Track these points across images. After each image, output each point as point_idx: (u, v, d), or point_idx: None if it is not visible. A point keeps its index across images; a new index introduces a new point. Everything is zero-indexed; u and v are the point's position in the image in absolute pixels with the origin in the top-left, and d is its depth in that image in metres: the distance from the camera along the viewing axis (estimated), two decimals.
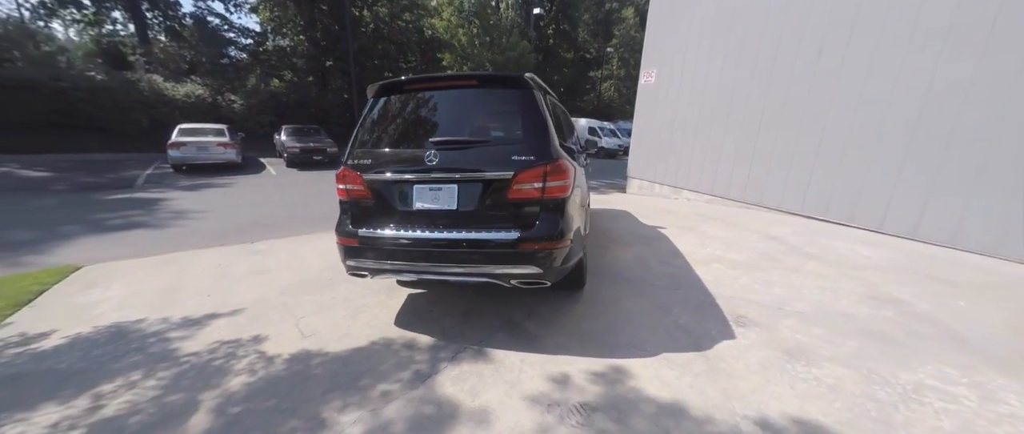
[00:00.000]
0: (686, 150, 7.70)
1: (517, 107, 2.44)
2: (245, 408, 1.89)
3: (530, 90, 2.46)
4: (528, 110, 2.42)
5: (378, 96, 2.61)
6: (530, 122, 2.40)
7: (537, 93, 2.48)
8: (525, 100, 2.44)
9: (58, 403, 1.93)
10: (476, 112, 2.55)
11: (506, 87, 2.50)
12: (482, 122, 2.54)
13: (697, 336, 2.53)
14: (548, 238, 2.29)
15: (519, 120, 2.43)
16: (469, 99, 2.55)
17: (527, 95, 2.45)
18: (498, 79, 2.54)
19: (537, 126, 2.39)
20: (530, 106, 2.42)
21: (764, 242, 4.61)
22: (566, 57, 33.08)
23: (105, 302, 3.11)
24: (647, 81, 8.57)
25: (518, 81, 2.47)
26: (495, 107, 2.54)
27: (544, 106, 2.49)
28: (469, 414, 1.85)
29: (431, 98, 2.58)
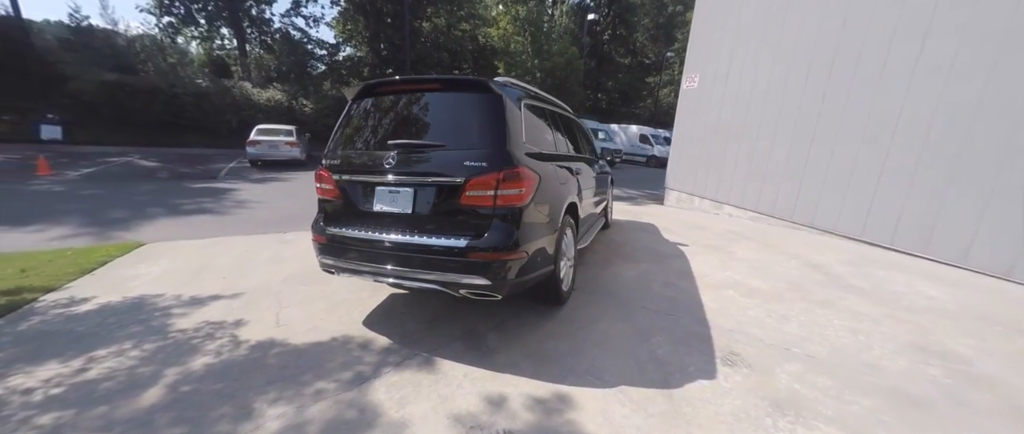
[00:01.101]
0: (729, 162, 6.98)
1: (476, 112, 2.33)
2: (194, 388, 1.98)
3: (492, 95, 2.33)
4: (486, 115, 2.29)
5: (356, 98, 2.65)
6: (487, 127, 2.27)
7: (502, 98, 2.33)
8: (484, 105, 2.32)
9: (59, 362, 2.18)
10: (437, 116, 2.47)
11: (467, 91, 2.40)
12: (441, 126, 2.46)
13: (670, 371, 2.22)
14: (499, 249, 2.15)
15: (476, 125, 2.31)
16: (432, 103, 2.49)
17: (487, 100, 2.33)
18: (460, 83, 2.45)
19: (494, 132, 2.25)
20: (489, 111, 2.30)
21: (799, 269, 3.99)
22: (622, 62, 31.97)
23: (143, 276, 3.51)
24: (689, 86, 7.93)
25: (479, 85, 2.35)
26: (455, 111, 2.45)
27: (509, 112, 2.34)
28: (387, 425, 1.77)
29: (398, 101, 2.56)
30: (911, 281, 3.73)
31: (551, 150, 2.99)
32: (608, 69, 31.84)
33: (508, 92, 2.43)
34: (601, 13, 29.51)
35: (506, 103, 2.32)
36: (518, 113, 2.45)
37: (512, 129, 2.31)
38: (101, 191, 7.79)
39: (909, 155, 4.56)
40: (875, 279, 3.77)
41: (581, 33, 24.01)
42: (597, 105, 33.80)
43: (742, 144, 6.73)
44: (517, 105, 2.48)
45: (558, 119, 3.45)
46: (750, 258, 4.35)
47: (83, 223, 5.63)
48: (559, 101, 3.89)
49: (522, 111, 2.52)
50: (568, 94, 19.35)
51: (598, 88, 33.36)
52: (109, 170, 10.33)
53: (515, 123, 2.37)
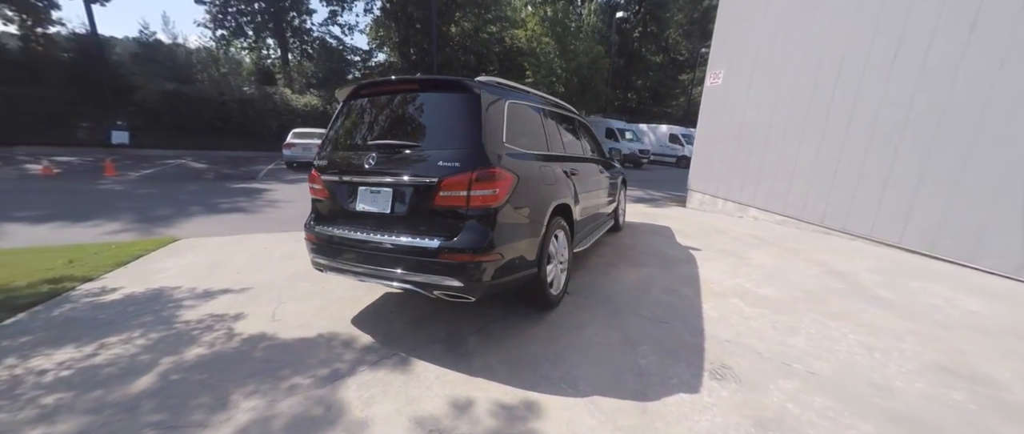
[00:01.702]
0: (755, 162, 6.55)
1: (452, 112, 2.29)
2: (182, 377, 2.08)
3: (468, 94, 2.29)
4: (462, 115, 2.25)
5: (346, 100, 2.68)
6: (462, 127, 2.23)
7: (479, 97, 2.28)
8: (460, 104, 2.28)
9: (75, 346, 2.36)
10: (417, 116, 2.46)
11: (444, 91, 2.37)
12: (420, 126, 2.44)
13: (650, 383, 2.09)
14: (471, 250, 2.10)
15: (452, 125, 2.28)
16: (412, 103, 2.48)
17: (463, 99, 2.29)
18: (438, 83, 2.43)
19: (469, 132, 2.21)
20: (465, 111, 2.26)
21: (820, 278, 3.66)
22: (653, 60, 30.91)
23: (168, 270, 3.76)
24: (713, 83, 7.52)
25: (456, 85, 2.32)
26: (433, 111, 2.42)
27: (488, 111, 2.29)
28: (348, 423, 1.77)
29: (382, 102, 2.57)
30: (950, 293, 3.32)
31: (541, 150, 2.91)
32: (638, 67, 30.91)
33: (488, 91, 2.37)
34: (631, 10, 28.71)
35: (484, 102, 2.27)
36: (499, 112, 2.39)
37: (490, 129, 2.26)
38: (154, 191, 8.47)
39: (954, 153, 4.08)
40: (907, 290, 3.39)
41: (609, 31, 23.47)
42: (626, 105, 32.95)
43: (768, 143, 6.30)
44: (499, 104, 2.42)
45: (554, 118, 3.36)
46: (766, 264, 4.05)
47: (133, 220, 6.13)
48: (559, 100, 3.79)
49: (505, 110, 2.47)
50: (593, 94, 18.97)
51: (627, 87, 32.50)
52: (164, 172, 11.23)
53: (494, 123, 2.32)
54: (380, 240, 2.28)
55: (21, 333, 2.51)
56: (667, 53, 32.54)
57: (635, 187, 11.86)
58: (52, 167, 10.07)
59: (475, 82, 2.35)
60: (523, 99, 2.82)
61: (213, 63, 18.73)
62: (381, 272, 2.30)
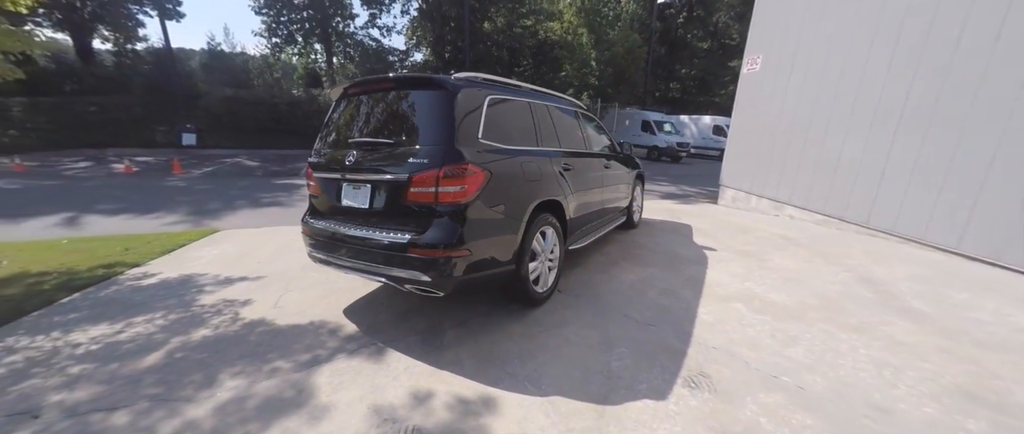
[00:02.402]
0: (793, 155, 6.03)
1: (425, 109, 2.33)
2: (184, 356, 2.31)
3: (440, 91, 2.31)
4: (433, 112, 2.29)
5: (338, 99, 2.81)
6: (433, 124, 2.27)
7: (450, 94, 2.30)
8: (432, 102, 2.31)
9: (108, 324, 2.70)
10: (393, 114, 2.52)
11: (418, 89, 2.41)
12: (396, 123, 2.50)
13: (617, 387, 2.02)
14: (439, 245, 2.14)
15: (424, 122, 2.32)
16: (390, 101, 2.54)
17: (435, 96, 2.32)
18: (413, 81, 2.47)
19: (439, 128, 2.24)
20: (436, 108, 2.29)
21: (846, 284, 3.32)
22: (700, 46, 29.17)
23: (202, 258, 4.17)
24: (750, 69, 6.98)
25: (429, 82, 2.35)
26: (407, 109, 2.47)
27: (461, 108, 2.30)
28: (313, 406, 1.88)
29: (365, 100, 2.66)
30: (1003, 308, 2.88)
31: (530, 145, 2.87)
32: (682, 55, 29.33)
33: (463, 88, 2.38)
34: None
35: (456, 99, 2.29)
36: (476, 109, 2.40)
37: (463, 125, 2.28)
38: (210, 187, 9.37)
39: None
40: (950, 302, 2.99)
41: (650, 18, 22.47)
42: (668, 95, 31.46)
43: (809, 134, 5.76)
44: (477, 100, 2.42)
45: (551, 113, 3.30)
46: (786, 268, 3.73)
47: (188, 212, 6.83)
48: (559, 94, 3.71)
49: (483, 106, 2.46)
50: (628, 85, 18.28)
51: (670, 76, 30.98)
52: (221, 169, 12.37)
53: (469, 119, 2.33)
54: (359, 234, 2.38)
55: (71, 311, 2.91)
56: (715, 38, 30.58)
57: (667, 183, 11.37)
58: (132, 166, 11.46)
59: (447, 79, 2.37)
60: (509, 94, 2.80)
61: (267, 69, 20.29)
62: (360, 265, 2.41)
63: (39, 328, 2.65)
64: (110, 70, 19.58)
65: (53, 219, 6.23)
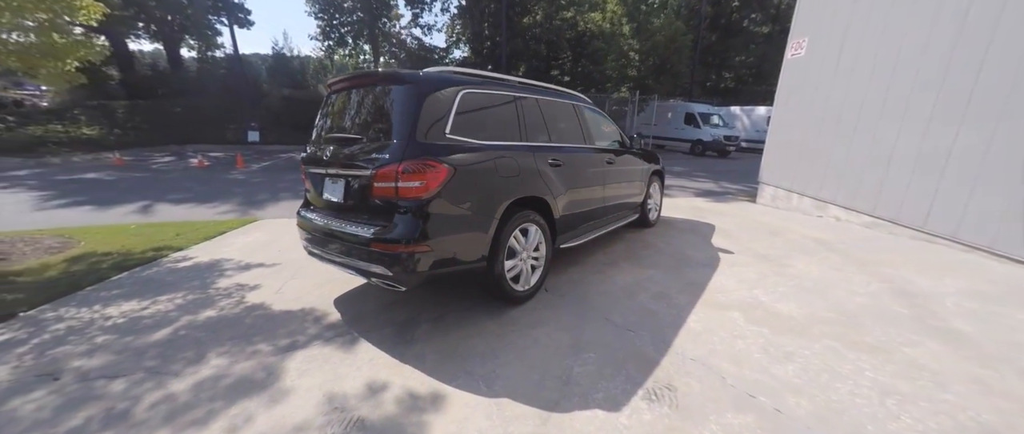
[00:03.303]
0: (840, 150, 5.35)
1: (391, 104, 2.33)
2: (187, 334, 2.54)
3: (404, 86, 2.30)
4: (397, 108, 2.28)
5: (326, 96, 2.90)
6: (397, 120, 2.26)
7: (414, 90, 2.29)
8: (397, 97, 2.31)
9: (138, 301, 3.03)
10: (365, 109, 2.54)
11: (385, 84, 2.41)
12: (366, 119, 2.52)
13: (571, 393, 1.92)
14: (399, 241, 2.15)
15: (389, 117, 2.31)
16: (363, 97, 2.57)
17: (399, 92, 2.32)
18: (381, 77, 2.47)
19: (402, 124, 2.23)
20: (401, 104, 2.28)
21: (875, 296, 2.91)
22: (757, 32, 26.77)
23: (233, 245, 4.55)
24: (795, 54, 6.28)
25: (394, 78, 2.35)
26: (376, 104, 2.47)
27: (428, 103, 2.28)
28: (275, 390, 1.98)
29: (343, 97, 2.70)
30: None
31: (512, 140, 2.79)
32: (736, 42, 27.11)
33: (428, 83, 2.36)
34: None
35: (420, 95, 2.27)
36: (444, 104, 2.36)
37: (427, 120, 2.26)
38: (263, 179, 10.22)
39: None
40: (1003, 323, 2.50)
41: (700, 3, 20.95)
42: (720, 85, 29.30)
43: (858, 126, 5.08)
44: (445, 95, 2.38)
45: (542, 107, 3.17)
46: (808, 275, 3.33)
47: (240, 203, 7.50)
48: (555, 87, 3.57)
49: (455, 101, 2.42)
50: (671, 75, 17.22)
51: (722, 65, 28.80)
52: (276, 164, 13.44)
53: (434, 114, 2.30)
54: (334, 227, 2.46)
55: (115, 288, 3.31)
56: (776, 22, 27.90)
57: (707, 179, 10.63)
58: (204, 160, 12.78)
59: (412, 74, 2.36)
60: (490, 88, 2.73)
61: (322, 70, 21.66)
62: (335, 257, 2.49)
63: (87, 301, 3.04)
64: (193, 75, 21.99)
65: (133, 206, 7.13)
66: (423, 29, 20.56)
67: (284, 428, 1.73)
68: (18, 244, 4.41)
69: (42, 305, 2.96)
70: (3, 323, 2.68)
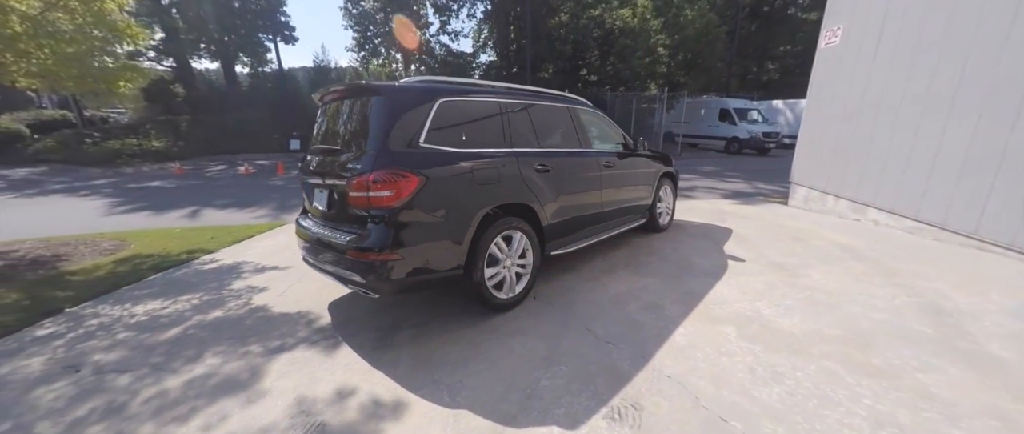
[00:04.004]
0: (879, 147, 4.85)
1: (366, 115, 2.37)
2: (194, 333, 2.73)
3: (377, 98, 2.34)
4: (371, 118, 2.32)
5: (319, 107, 3.01)
6: (371, 130, 2.30)
7: (386, 101, 2.32)
8: (371, 108, 2.34)
9: (162, 300, 3.31)
10: (344, 121, 2.61)
11: (361, 96, 2.45)
12: (345, 130, 2.59)
13: (531, 408, 1.87)
14: (372, 249, 2.20)
15: (364, 128, 2.36)
16: (343, 109, 2.63)
17: (373, 103, 2.35)
18: (357, 89, 2.51)
19: (374, 135, 2.28)
20: (374, 114, 2.32)
21: (898, 313, 2.60)
22: (804, 18, 24.89)
23: (255, 249, 4.86)
24: (829, 42, 5.76)
25: (368, 90, 2.40)
26: (354, 116, 2.53)
27: (402, 113, 2.31)
28: (254, 390, 2.08)
29: (330, 108, 2.79)
30: None
31: (496, 147, 2.76)
32: (780, 31, 25.36)
33: (400, 94, 2.39)
34: None
35: (392, 105, 2.31)
36: (420, 113, 2.38)
37: (399, 130, 2.29)
38: (298, 186, 10.87)
39: None
40: None
41: None
42: (762, 78, 27.53)
43: (899, 119, 4.58)
44: (420, 105, 2.40)
45: (528, 112, 3.11)
46: (823, 286, 3.04)
47: (274, 208, 8.01)
48: (546, 91, 3.50)
49: (431, 110, 2.43)
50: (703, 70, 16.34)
51: (763, 56, 27.05)
52: None
53: (408, 124, 2.33)
54: (321, 236, 2.55)
55: (147, 288, 3.63)
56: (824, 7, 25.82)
57: (739, 179, 10.02)
58: (250, 168, 13.79)
59: (386, 86, 2.40)
60: (471, 95, 2.72)
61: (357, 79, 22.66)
62: (319, 263, 2.59)
63: (121, 299, 3.37)
64: (246, 89, 23.84)
65: (183, 212, 7.82)
66: (450, 36, 20.96)
67: (252, 429, 1.82)
68: (80, 246, 4.97)
69: (85, 302, 3.31)
70: (50, 318, 3.03)
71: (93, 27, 4.04)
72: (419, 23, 20.54)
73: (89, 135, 17.54)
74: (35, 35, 3.63)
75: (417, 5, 20.37)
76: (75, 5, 3.91)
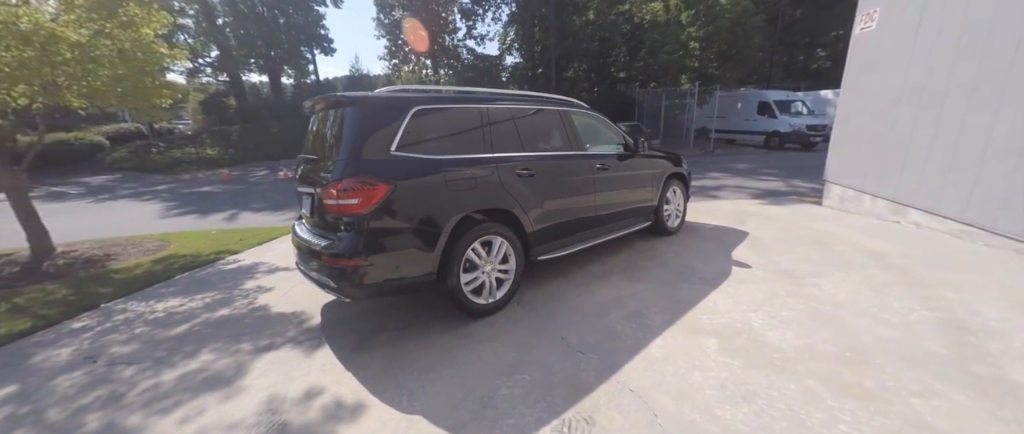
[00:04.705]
0: (920, 142, 4.35)
1: (340, 125, 2.43)
2: (199, 330, 2.95)
3: (348, 108, 2.40)
4: (344, 128, 2.39)
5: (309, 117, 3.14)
6: (343, 139, 2.36)
7: (356, 111, 2.38)
8: (343, 118, 2.41)
9: (180, 299, 3.60)
10: (322, 131, 2.70)
11: (336, 107, 2.52)
12: (323, 140, 2.67)
13: (483, 417, 1.86)
14: (342, 255, 2.27)
15: (338, 137, 2.42)
16: (322, 119, 2.73)
17: (346, 113, 2.42)
18: (334, 100, 2.57)
19: (345, 144, 2.34)
20: (346, 124, 2.38)
21: (911, 329, 2.32)
22: None
23: (275, 250, 5.16)
24: (865, 27, 5.23)
25: (342, 101, 2.47)
26: (330, 125, 2.60)
27: (373, 123, 2.37)
28: (233, 387, 2.21)
29: (314, 118, 2.90)
30: None
31: (476, 153, 2.76)
32: (829, 15, 23.39)
33: (374, 104, 2.44)
34: None
35: (361, 115, 2.37)
36: (392, 122, 2.42)
37: (369, 139, 2.34)
38: None
39: None
40: None
41: None
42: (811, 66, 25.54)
43: (943, 110, 4.08)
44: (393, 113, 2.44)
45: (512, 117, 3.07)
46: (831, 298, 2.76)
47: None
48: (533, 94, 3.45)
49: (405, 119, 2.47)
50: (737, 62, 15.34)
51: (812, 43, 25.08)
52: None
53: (379, 132, 2.37)
54: (305, 240, 2.68)
55: (173, 286, 3.97)
56: None
57: (775, 178, 9.36)
58: (288, 174, 14.68)
59: (357, 96, 2.46)
60: (445, 103, 2.73)
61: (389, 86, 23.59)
62: (307, 271, 2.71)
63: (148, 296, 3.71)
64: (289, 99, 25.51)
65: (224, 214, 8.49)
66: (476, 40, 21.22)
67: (223, 423, 1.94)
68: (128, 247, 5.53)
69: (119, 298, 3.68)
70: (87, 312, 3.39)
71: (133, 51, 4.48)
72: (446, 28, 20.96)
73: (156, 145, 19.48)
74: (82, 60, 4.09)
75: (445, 11, 20.81)
76: (117, 32, 4.37)
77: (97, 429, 1.94)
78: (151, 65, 4.83)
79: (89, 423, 1.99)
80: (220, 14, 22.23)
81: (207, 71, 25.15)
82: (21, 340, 2.93)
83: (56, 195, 12.06)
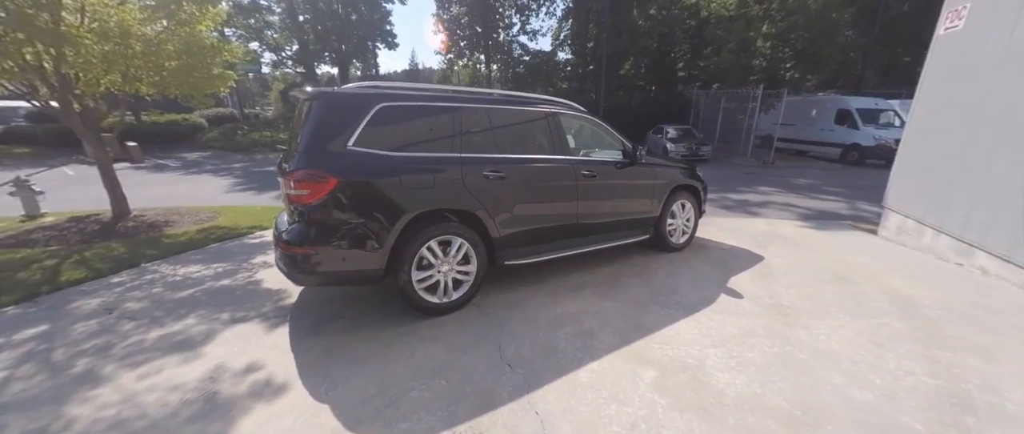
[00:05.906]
0: (1000, 171, 3.56)
1: (306, 118, 2.53)
2: (197, 296, 3.30)
3: (313, 103, 2.51)
4: (306, 121, 2.50)
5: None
6: (306, 133, 2.47)
7: (321, 105, 2.49)
8: (309, 112, 2.51)
9: (200, 265, 4.05)
10: (298, 123, 2.81)
11: (309, 100, 2.60)
12: (294, 132, 2.79)
13: (381, 417, 1.89)
14: (292, 243, 2.43)
15: (304, 130, 2.52)
16: (300, 112, 2.85)
17: (309, 107, 2.53)
18: (308, 94, 2.66)
19: (304, 136, 2.46)
20: (309, 117, 2.49)
21: (892, 399, 1.96)
22: None
23: None
24: (951, 27, 4.37)
25: (313, 95, 2.58)
26: (303, 118, 2.70)
27: (329, 117, 2.47)
28: (195, 353, 2.44)
29: (296, 110, 3.06)
30: None
31: (444, 152, 2.77)
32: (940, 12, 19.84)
33: (336, 99, 2.53)
34: None
35: (322, 109, 2.47)
36: (352, 117, 2.49)
37: (328, 133, 2.44)
38: None
39: None
40: None
41: None
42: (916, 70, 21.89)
43: None
44: (355, 109, 2.51)
45: (488, 117, 3.00)
46: (815, 345, 2.38)
47: None
48: (517, 95, 3.34)
49: (367, 115, 2.53)
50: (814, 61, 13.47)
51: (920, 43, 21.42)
52: None
53: (337, 128, 2.46)
54: (276, 225, 2.88)
55: (201, 254, 4.49)
56: None
57: (837, 198, 8.22)
58: None
59: (321, 91, 2.57)
60: (414, 101, 2.74)
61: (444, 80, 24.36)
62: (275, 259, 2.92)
63: (179, 261, 4.24)
64: None
65: (275, 193, 9.40)
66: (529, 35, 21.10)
67: (170, 384, 2.17)
68: (186, 216, 6.35)
69: (157, 260, 4.25)
70: (128, 270, 3.97)
71: (191, 46, 5.11)
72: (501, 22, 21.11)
73: (241, 128, 22.06)
74: (148, 54, 4.76)
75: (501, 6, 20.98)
76: (178, 29, 5.01)
77: (80, 372, 2.28)
78: (207, 59, 5.46)
79: (78, 366, 2.33)
80: (301, 11, 24.46)
81: (288, 63, 27.97)
82: (71, 288, 3.51)
83: (159, 167, 14.15)
